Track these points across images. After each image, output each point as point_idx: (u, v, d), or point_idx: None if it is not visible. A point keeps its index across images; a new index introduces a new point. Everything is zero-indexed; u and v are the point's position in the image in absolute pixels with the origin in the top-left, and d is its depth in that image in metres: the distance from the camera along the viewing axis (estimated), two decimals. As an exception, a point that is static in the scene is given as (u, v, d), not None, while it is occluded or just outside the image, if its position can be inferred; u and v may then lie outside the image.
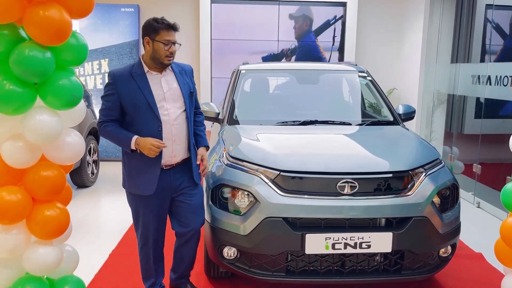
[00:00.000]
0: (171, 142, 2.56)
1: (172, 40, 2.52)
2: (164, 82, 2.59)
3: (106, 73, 6.85)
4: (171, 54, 2.53)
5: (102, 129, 2.58)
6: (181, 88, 2.63)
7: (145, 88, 2.52)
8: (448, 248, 2.81)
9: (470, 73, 5.51)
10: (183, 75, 2.69)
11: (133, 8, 6.73)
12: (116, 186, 5.67)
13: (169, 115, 2.56)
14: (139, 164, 2.57)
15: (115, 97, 2.53)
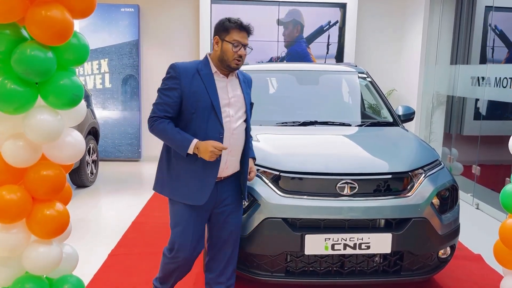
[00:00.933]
0: (226, 152, 2.35)
1: (242, 42, 2.30)
2: (229, 87, 2.39)
3: (105, 73, 6.87)
4: (240, 58, 2.31)
5: (156, 125, 2.33)
6: (245, 96, 2.44)
7: (211, 89, 2.31)
8: (447, 249, 2.82)
9: (470, 74, 5.52)
10: (246, 84, 2.50)
11: (133, 8, 6.74)
12: (115, 186, 5.68)
13: (230, 123, 2.35)
14: (192, 170, 2.33)
15: (177, 92, 2.31)
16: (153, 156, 7.19)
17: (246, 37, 2.33)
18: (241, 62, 2.33)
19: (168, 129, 2.30)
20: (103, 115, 6.93)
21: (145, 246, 3.77)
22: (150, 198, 5.14)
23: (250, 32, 2.35)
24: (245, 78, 2.53)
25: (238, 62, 2.32)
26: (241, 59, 2.32)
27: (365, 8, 7.11)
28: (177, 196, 2.40)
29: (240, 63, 2.32)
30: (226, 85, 2.38)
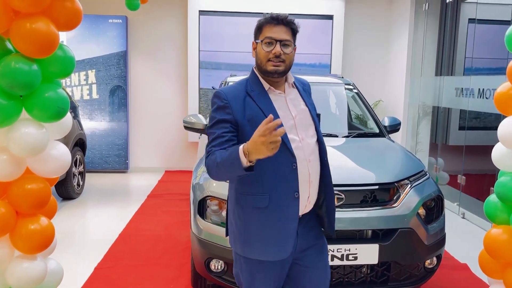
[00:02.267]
0: (307, 184, 1.82)
1: (276, 37, 1.76)
2: (290, 104, 1.86)
3: (93, 84, 6.84)
4: (277, 57, 1.77)
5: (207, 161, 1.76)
6: (310, 110, 1.91)
7: (269, 111, 1.77)
8: (434, 259, 2.84)
9: (454, 85, 5.62)
10: (306, 92, 1.99)
11: (121, 19, 6.74)
12: (102, 198, 5.62)
13: (303, 149, 1.82)
14: (263, 215, 1.79)
15: (230, 124, 1.77)
16: (140, 167, 7.16)
17: (285, 31, 1.78)
18: (282, 63, 1.78)
19: (217, 154, 1.71)
20: (90, 126, 6.88)
21: (132, 259, 3.73)
22: (138, 210, 5.10)
23: (288, 24, 1.80)
24: (304, 85, 2.01)
25: (276, 64, 1.77)
26: (280, 59, 1.77)
27: (352, 21, 7.21)
28: (255, 253, 1.84)
29: (279, 64, 1.78)
30: (285, 101, 1.85)
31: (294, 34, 1.83)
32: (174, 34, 7.07)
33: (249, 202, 1.81)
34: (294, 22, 1.83)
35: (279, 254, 1.82)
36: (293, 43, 1.82)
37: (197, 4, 6.87)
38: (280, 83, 1.87)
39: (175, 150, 7.28)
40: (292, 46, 1.80)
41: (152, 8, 6.83)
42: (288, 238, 1.81)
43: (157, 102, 7.15)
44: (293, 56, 1.82)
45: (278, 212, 1.79)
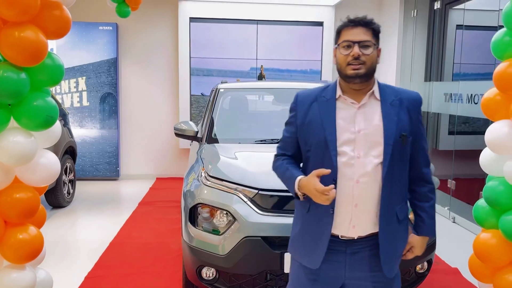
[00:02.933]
0: (350, 206, 1.72)
1: (353, 39, 1.68)
2: (360, 116, 1.73)
3: (83, 91, 6.81)
4: (356, 60, 1.67)
5: (272, 165, 1.93)
6: (385, 127, 1.70)
7: (328, 119, 1.73)
8: (425, 264, 2.84)
9: (443, 91, 5.68)
10: (397, 107, 1.74)
11: (111, 26, 6.73)
12: (93, 206, 5.58)
13: (354, 167, 1.70)
14: (307, 222, 1.82)
15: (293, 126, 1.83)
16: (131, 174, 7.12)
17: (364, 32, 1.69)
18: (363, 66, 1.67)
19: (279, 166, 1.85)
20: (81, 134, 6.84)
21: (123, 268, 3.70)
22: (129, 218, 5.06)
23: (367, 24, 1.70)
24: (401, 98, 1.76)
25: (355, 67, 1.67)
26: (360, 61, 1.66)
27: (342, 27, 7.27)
28: (296, 254, 1.89)
29: (359, 67, 1.67)
30: (354, 113, 1.73)
31: (375, 35, 1.72)
32: (164, 41, 7.08)
33: (298, 203, 1.85)
34: (374, 22, 1.72)
35: (311, 262, 1.80)
36: (375, 44, 1.71)
37: (187, 12, 6.89)
38: (360, 92, 1.74)
39: (166, 157, 7.25)
40: (373, 47, 1.69)
41: (142, 15, 6.84)
42: (317, 250, 1.77)
43: (148, 109, 7.13)
44: (375, 57, 1.71)
45: (314, 223, 1.79)
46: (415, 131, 1.76)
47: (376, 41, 1.72)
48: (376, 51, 1.73)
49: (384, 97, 1.76)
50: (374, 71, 1.73)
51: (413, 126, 1.75)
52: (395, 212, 1.76)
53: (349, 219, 1.74)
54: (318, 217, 1.76)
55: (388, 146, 1.69)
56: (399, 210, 1.77)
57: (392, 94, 1.78)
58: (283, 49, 7.17)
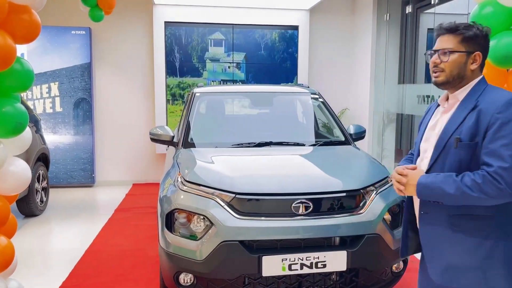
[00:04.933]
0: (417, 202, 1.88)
1: (435, 48, 1.77)
2: (441, 120, 1.80)
3: (56, 97, 6.66)
4: (435, 68, 1.75)
5: None
6: (443, 132, 1.74)
7: (423, 124, 1.92)
8: (401, 264, 2.89)
9: (416, 93, 5.80)
10: (468, 110, 1.69)
11: (85, 30, 6.62)
12: (67, 214, 5.46)
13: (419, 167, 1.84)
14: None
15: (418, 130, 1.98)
16: (107, 181, 7.01)
17: (448, 40, 1.73)
18: (441, 73, 1.73)
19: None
20: (54, 140, 6.69)
21: (99, 276, 3.63)
22: (104, 225, 4.97)
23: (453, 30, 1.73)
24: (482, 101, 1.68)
25: (434, 74, 1.75)
26: (438, 69, 1.73)
27: (317, 31, 7.35)
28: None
29: (437, 75, 1.74)
30: (439, 118, 1.83)
31: (466, 40, 1.70)
32: (139, 46, 7.00)
33: None
34: (459, 27, 1.71)
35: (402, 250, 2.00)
36: (464, 50, 1.70)
37: (162, 15, 6.84)
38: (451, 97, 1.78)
39: (143, 162, 7.16)
40: (457, 54, 1.70)
41: (116, 19, 6.75)
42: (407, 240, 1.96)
43: (123, 114, 7.04)
44: (458, 63, 1.70)
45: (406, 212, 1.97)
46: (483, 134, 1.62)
47: (466, 47, 1.71)
48: (465, 57, 1.71)
49: (465, 100, 1.73)
50: (460, 77, 1.72)
51: (481, 129, 1.63)
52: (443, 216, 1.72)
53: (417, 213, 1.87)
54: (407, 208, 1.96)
55: (436, 150, 1.74)
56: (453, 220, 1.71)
57: (477, 98, 1.70)
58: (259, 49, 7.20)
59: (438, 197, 1.66)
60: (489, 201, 1.60)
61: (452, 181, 1.62)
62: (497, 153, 1.57)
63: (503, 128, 1.58)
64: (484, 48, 1.74)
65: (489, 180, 1.56)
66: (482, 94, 1.70)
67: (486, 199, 1.58)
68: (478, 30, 1.71)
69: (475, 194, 1.58)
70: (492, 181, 1.56)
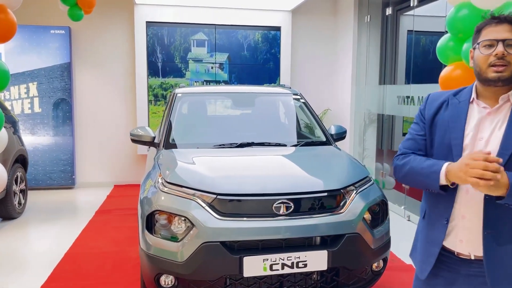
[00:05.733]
0: (459, 217, 1.62)
1: (497, 38, 1.50)
2: (487, 122, 1.58)
3: (34, 97, 6.55)
4: (499, 60, 1.49)
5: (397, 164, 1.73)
6: (506, 135, 1.52)
7: (456, 122, 1.62)
8: (380, 262, 2.93)
9: (396, 94, 5.88)
10: None
11: (64, 30, 6.52)
12: (46, 216, 5.36)
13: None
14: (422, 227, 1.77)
15: (421, 127, 1.73)
16: (88, 182, 6.91)
17: (509, 30, 1.50)
18: (507, 67, 1.50)
19: (412, 159, 1.66)
20: (33, 141, 6.57)
21: (79, 279, 3.58)
22: (85, 227, 4.90)
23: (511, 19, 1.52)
24: None
25: (499, 69, 1.50)
26: (504, 62, 1.49)
27: (299, 32, 7.39)
28: (412, 258, 1.84)
29: (503, 69, 1.49)
30: (483, 119, 1.59)
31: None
32: (121, 46, 6.93)
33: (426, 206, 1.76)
34: None
35: (421, 271, 1.74)
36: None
37: (144, 15, 6.78)
38: (497, 96, 1.56)
39: (124, 163, 7.09)
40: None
41: (97, 19, 6.67)
42: (427, 261, 1.69)
43: (104, 114, 6.95)
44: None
45: (428, 229, 1.71)
46: None
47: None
48: None
49: None
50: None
51: None
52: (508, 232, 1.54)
53: (456, 232, 1.63)
54: (432, 224, 1.68)
55: (502, 156, 1.48)
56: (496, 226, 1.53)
57: None
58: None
59: None
60: None
61: None
62: None
63: None
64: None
65: None
66: None
67: None
68: None
69: None
70: None
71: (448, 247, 1.65)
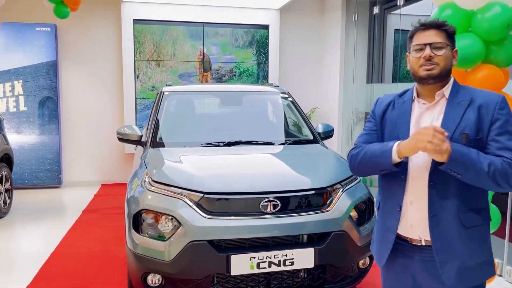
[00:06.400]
0: (407, 203, 1.75)
1: (424, 42, 1.69)
2: (427, 116, 1.76)
3: (20, 96, 6.46)
4: (427, 61, 1.68)
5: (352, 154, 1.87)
6: (443, 126, 1.67)
7: (401, 118, 1.80)
8: (367, 260, 2.96)
9: (383, 92, 5.93)
10: (464, 106, 1.69)
11: (50, 27, 6.44)
12: (33, 216, 5.30)
13: (414, 164, 1.74)
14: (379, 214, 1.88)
15: (373, 124, 1.91)
16: (75, 181, 6.85)
17: (435, 34, 1.69)
18: (436, 66, 1.68)
19: (365, 147, 1.81)
20: (18, 140, 6.48)
21: (65, 279, 3.55)
22: (72, 227, 4.86)
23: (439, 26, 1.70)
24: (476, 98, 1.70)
25: (428, 67, 1.68)
26: (432, 62, 1.68)
27: (287, 30, 7.40)
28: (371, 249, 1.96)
29: (432, 67, 1.68)
30: (422, 114, 1.77)
31: (450, 36, 1.70)
32: (107, 43, 6.87)
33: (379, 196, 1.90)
34: (446, 24, 1.70)
35: (378, 258, 1.87)
36: (450, 45, 1.70)
37: (131, 13, 6.73)
38: (433, 93, 1.74)
39: (111, 162, 7.04)
40: (446, 48, 1.68)
41: (83, 16, 6.61)
42: (384, 247, 1.82)
43: (91, 113, 6.89)
44: (449, 58, 1.69)
45: (384, 218, 1.84)
46: (489, 130, 1.65)
47: (450, 43, 1.71)
48: (451, 52, 1.71)
49: (453, 97, 1.73)
50: (448, 72, 1.72)
51: (485, 125, 1.65)
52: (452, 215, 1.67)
53: (406, 218, 1.76)
54: (387, 212, 1.81)
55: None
56: (463, 216, 1.67)
57: (465, 94, 1.72)
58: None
59: (466, 169, 1.57)
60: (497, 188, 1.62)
61: (483, 158, 1.58)
62: (509, 147, 1.61)
63: (507, 124, 1.64)
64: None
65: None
66: (465, 91, 1.73)
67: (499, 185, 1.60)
68: (453, 28, 1.74)
69: (501, 178, 1.57)
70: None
71: (402, 234, 1.78)
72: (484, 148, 1.65)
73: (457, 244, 1.67)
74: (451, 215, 1.67)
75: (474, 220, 1.69)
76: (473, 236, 1.69)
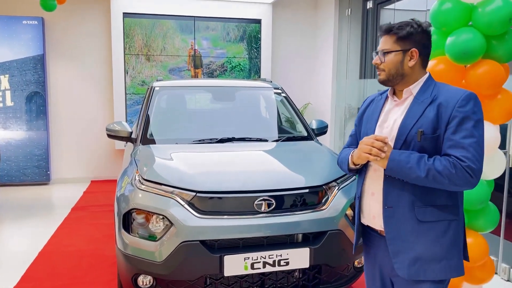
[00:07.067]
0: (370, 196, 1.86)
1: (377, 50, 1.83)
2: (394, 113, 1.84)
3: (6, 91, 6.31)
4: (378, 68, 1.82)
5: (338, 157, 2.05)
6: (402, 123, 1.75)
7: (371, 117, 1.90)
8: (362, 259, 2.91)
9: (377, 88, 5.88)
10: (426, 104, 1.73)
11: (37, 20, 6.28)
12: (20, 213, 5.18)
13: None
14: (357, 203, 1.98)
15: (355, 128, 2.04)
16: (63, 178, 6.73)
17: (386, 40, 1.79)
18: (382, 72, 1.80)
19: (342, 151, 2.01)
20: (5, 136, 6.34)
21: (53, 279, 3.46)
22: (60, 225, 4.76)
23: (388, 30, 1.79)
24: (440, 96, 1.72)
25: (378, 73, 1.83)
26: (380, 69, 1.81)
27: (279, 25, 7.32)
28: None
29: (379, 73, 1.82)
30: (390, 110, 1.86)
31: (401, 39, 1.75)
32: (96, 37, 6.72)
33: None
34: (393, 28, 1.77)
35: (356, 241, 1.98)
36: (398, 48, 1.75)
37: (121, 6, 6.59)
38: (401, 92, 1.83)
39: (101, 158, 6.91)
40: (394, 53, 1.76)
41: (71, 9, 6.45)
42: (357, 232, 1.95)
43: (80, 108, 6.75)
44: (396, 62, 1.76)
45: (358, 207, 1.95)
46: (446, 128, 1.67)
47: (401, 45, 1.75)
48: (402, 55, 1.76)
49: (420, 95, 1.78)
50: (399, 74, 1.78)
51: (442, 123, 1.68)
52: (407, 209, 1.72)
53: (369, 208, 1.87)
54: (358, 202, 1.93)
55: (398, 141, 1.75)
56: (418, 211, 1.72)
57: (432, 92, 1.76)
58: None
59: (405, 175, 1.68)
60: (452, 188, 1.66)
61: (423, 164, 1.64)
62: (461, 144, 1.63)
63: (465, 121, 1.64)
64: (421, 44, 1.77)
65: (460, 168, 1.60)
66: (435, 89, 1.76)
67: (450, 185, 1.64)
68: (412, 28, 1.75)
69: (445, 180, 1.62)
70: (462, 170, 1.60)
71: (369, 225, 1.90)
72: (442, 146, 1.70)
73: (410, 237, 1.73)
74: (406, 209, 1.73)
75: (432, 216, 1.72)
76: (429, 231, 1.72)
